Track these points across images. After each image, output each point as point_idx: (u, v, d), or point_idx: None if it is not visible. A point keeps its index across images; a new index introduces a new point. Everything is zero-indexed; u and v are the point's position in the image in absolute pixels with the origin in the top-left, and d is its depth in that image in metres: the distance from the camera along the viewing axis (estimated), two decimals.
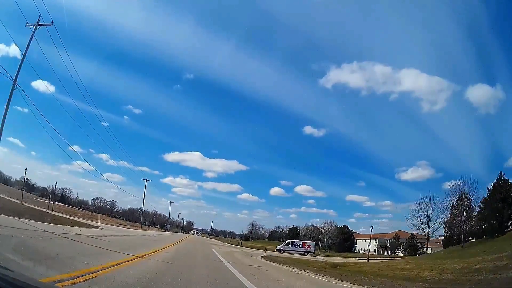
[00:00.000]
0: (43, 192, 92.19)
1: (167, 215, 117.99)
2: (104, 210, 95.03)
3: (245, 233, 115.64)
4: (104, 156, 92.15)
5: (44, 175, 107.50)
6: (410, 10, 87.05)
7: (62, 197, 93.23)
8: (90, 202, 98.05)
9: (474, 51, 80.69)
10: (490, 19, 77.71)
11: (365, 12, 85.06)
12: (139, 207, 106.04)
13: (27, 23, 22.02)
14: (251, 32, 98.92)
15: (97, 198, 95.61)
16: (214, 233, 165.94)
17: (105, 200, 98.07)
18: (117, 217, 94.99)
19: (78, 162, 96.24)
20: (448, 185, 44.88)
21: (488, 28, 75.02)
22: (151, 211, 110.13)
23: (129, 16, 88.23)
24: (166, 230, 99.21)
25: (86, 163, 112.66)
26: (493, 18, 77.26)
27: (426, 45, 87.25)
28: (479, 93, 71.41)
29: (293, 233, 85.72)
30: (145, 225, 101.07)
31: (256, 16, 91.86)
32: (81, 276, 5.71)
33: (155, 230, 77.50)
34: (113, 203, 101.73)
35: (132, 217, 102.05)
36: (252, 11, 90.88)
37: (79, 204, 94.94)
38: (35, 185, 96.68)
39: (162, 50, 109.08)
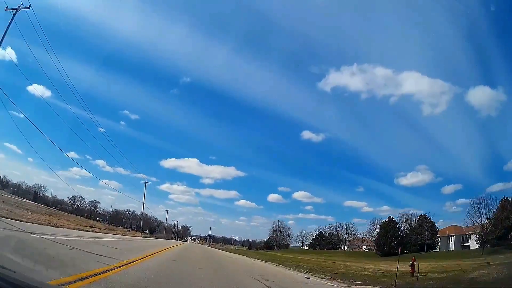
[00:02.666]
0: (14, 189, 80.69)
1: (163, 220, 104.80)
2: (83, 211, 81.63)
3: (266, 240, 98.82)
4: (101, 162, 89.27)
5: (41, 181, 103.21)
6: (411, 13, 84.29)
7: (36, 195, 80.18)
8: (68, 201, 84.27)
9: (475, 53, 78.64)
10: (491, 20, 74.91)
11: (365, 14, 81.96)
12: (125, 209, 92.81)
13: (7, 7, 23.10)
14: (248, 36, 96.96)
15: (74, 197, 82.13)
16: (213, 240, 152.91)
17: (83, 198, 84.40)
18: (99, 220, 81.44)
19: (75, 168, 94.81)
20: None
21: (489, 29, 73.04)
22: (138, 213, 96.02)
23: (125, 20, 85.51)
24: (150, 235, 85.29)
25: (84, 169, 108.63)
26: (493, 19, 74.44)
27: (427, 47, 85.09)
28: (480, 95, 70.22)
29: (392, 229, 54.89)
30: (132, 229, 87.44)
31: (253, 19, 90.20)
32: None
33: (121, 233, 63.61)
34: (95, 203, 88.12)
35: (116, 220, 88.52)
36: (249, 14, 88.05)
37: (56, 203, 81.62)
38: (9, 182, 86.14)
39: (158, 54, 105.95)
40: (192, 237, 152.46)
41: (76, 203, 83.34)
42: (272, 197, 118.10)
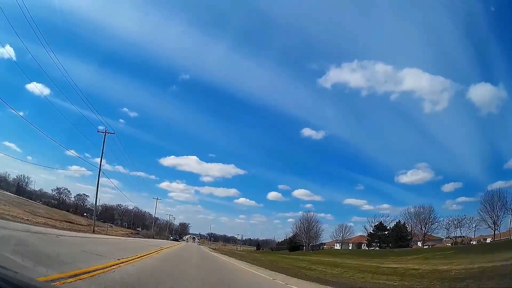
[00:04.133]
0: None
1: (159, 217, 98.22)
2: (70, 206, 75.26)
3: (290, 238, 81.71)
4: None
5: (41, 179, 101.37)
6: (412, 9, 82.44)
7: (18, 188, 74.16)
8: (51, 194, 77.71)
9: (477, 49, 78.05)
10: (493, 17, 72.74)
11: (366, 11, 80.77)
12: (117, 204, 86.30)
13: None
14: (247, 32, 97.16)
15: (58, 189, 75.71)
16: (213, 238, 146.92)
17: (68, 191, 77.83)
18: (86, 215, 75.00)
19: (74, 166, 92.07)
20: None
21: (490, 25, 72.83)
22: (131, 207, 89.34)
23: (123, 18, 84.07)
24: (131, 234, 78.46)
25: (83, 168, 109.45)
26: (495, 16, 71.60)
27: (428, 44, 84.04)
28: (482, 92, 69.02)
29: None
30: (123, 226, 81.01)
31: (252, 16, 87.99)
32: None
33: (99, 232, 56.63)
34: (83, 197, 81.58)
35: (106, 215, 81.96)
36: (248, 11, 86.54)
37: (40, 197, 75.47)
38: None
39: (157, 51, 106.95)
40: (192, 236, 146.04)
41: (61, 196, 76.79)
42: (272, 195, 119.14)
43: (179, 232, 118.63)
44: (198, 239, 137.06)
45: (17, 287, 2.21)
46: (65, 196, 77.05)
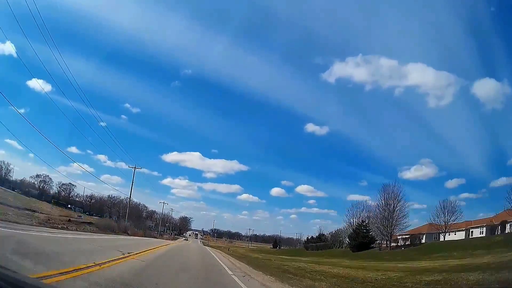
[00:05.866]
0: None
1: (158, 211, 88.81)
2: (50, 197, 66.60)
3: (354, 230, 49.37)
4: (102, 157, 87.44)
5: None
6: (417, 4, 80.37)
7: None
8: (36, 184, 69.04)
9: (481, 44, 75.95)
10: (498, 11, 70.10)
11: (371, 5, 79.55)
12: (108, 195, 77.26)
13: None
14: (250, 27, 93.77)
15: (38, 176, 67.32)
16: (216, 234, 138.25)
17: (50, 179, 69.03)
18: (70, 207, 66.34)
19: (76, 164, 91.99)
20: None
21: (495, 20, 72.08)
22: (123, 197, 79.81)
23: (124, 13, 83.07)
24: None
25: (85, 165, 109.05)
26: (500, 10, 68.58)
27: (433, 39, 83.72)
28: (486, 88, 68.43)
29: None
30: (111, 218, 71.97)
31: (255, 10, 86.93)
32: None
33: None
34: (69, 187, 72.82)
35: (97, 208, 73.21)
36: (251, 4, 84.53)
37: (20, 186, 67.03)
38: None
39: (159, 47, 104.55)
40: (194, 232, 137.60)
41: (43, 185, 68.11)
42: (275, 191, 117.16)
43: (179, 228, 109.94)
44: (202, 235, 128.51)
45: None
46: (46, 184, 68.46)
